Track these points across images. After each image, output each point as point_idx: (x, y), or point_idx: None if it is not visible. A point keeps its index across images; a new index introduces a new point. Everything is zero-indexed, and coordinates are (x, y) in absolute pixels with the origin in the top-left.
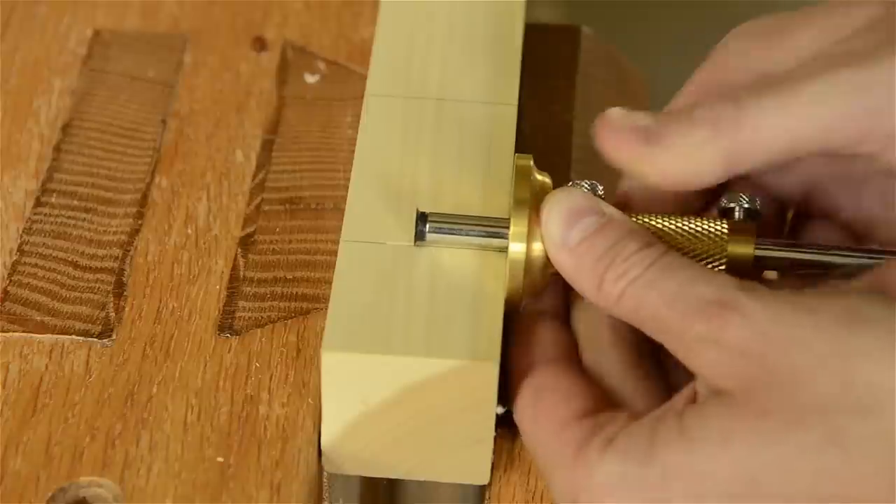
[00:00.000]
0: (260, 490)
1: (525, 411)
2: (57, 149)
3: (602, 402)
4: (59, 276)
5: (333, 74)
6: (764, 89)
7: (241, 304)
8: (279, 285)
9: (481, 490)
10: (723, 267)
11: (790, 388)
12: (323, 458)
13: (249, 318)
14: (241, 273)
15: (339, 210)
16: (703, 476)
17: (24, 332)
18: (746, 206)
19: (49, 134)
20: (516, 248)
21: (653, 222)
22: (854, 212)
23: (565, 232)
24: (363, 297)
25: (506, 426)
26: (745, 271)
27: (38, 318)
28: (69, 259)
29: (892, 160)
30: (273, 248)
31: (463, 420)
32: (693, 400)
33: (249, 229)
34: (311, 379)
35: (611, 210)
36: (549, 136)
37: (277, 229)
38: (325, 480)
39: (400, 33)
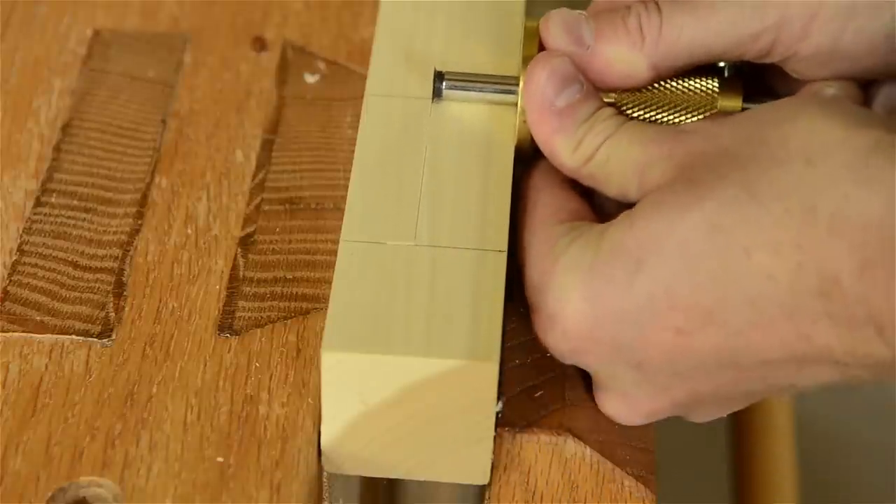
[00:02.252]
0: (260, 490)
1: (522, 210)
2: (57, 149)
3: (591, 217)
4: (59, 276)
5: (333, 74)
6: (685, 5)
7: (241, 304)
8: (279, 285)
9: (481, 490)
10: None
11: (712, 161)
12: (323, 458)
13: (249, 318)
14: (241, 273)
15: (339, 210)
16: (640, 244)
17: (24, 332)
18: (737, 64)
19: (49, 134)
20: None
21: (645, 90)
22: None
23: (554, 95)
24: (363, 297)
25: (506, 426)
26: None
27: (38, 318)
28: (69, 259)
29: (801, 57)
30: (273, 248)
31: (463, 420)
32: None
33: (249, 229)
34: (311, 379)
35: (587, 83)
36: None
37: (277, 229)
38: (325, 480)
39: (400, 33)
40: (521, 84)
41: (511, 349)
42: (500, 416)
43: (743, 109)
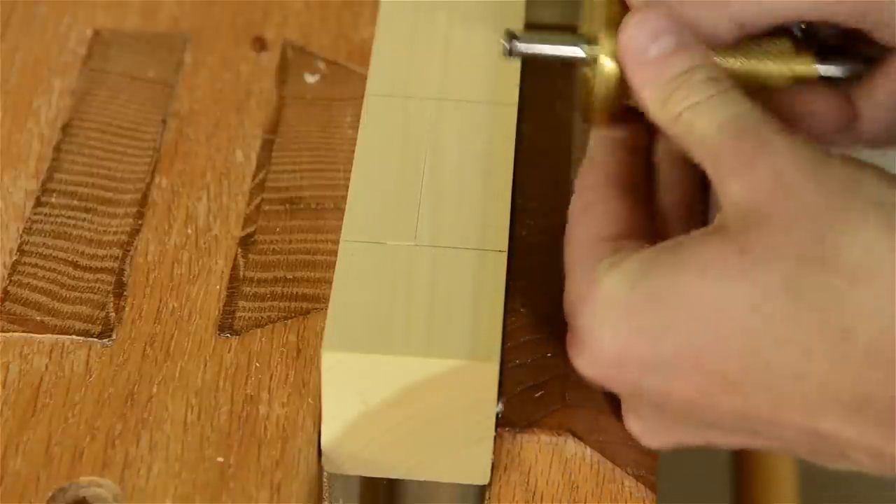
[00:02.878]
0: (260, 490)
1: (571, 217)
2: (57, 149)
3: (640, 230)
4: (59, 276)
5: (333, 74)
6: None
7: (241, 304)
8: (279, 285)
9: (481, 490)
10: (790, 80)
11: (771, 232)
12: (323, 458)
13: (249, 318)
14: (241, 273)
15: (339, 210)
16: (677, 302)
17: (24, 332)
18: (803, 26)
19: (49, 134)
20: (610, 64)
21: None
22: None
23: (647, 44)
24: (363, 297)
25: (506, 426)
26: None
27: (38, 318)
28: (69, 259)
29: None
30: (273, 248)
31: (463, 420)
32: (703, 231)
33: (249, 229)
34: (311, 379)
35: (686, 34)
36: (550, 136)
37: (277, 229)
38: (325, 480)
39: (400, 33)
40: (604, 41)
41: (511, 349)
42: (500, 416)
43: (820, 77)
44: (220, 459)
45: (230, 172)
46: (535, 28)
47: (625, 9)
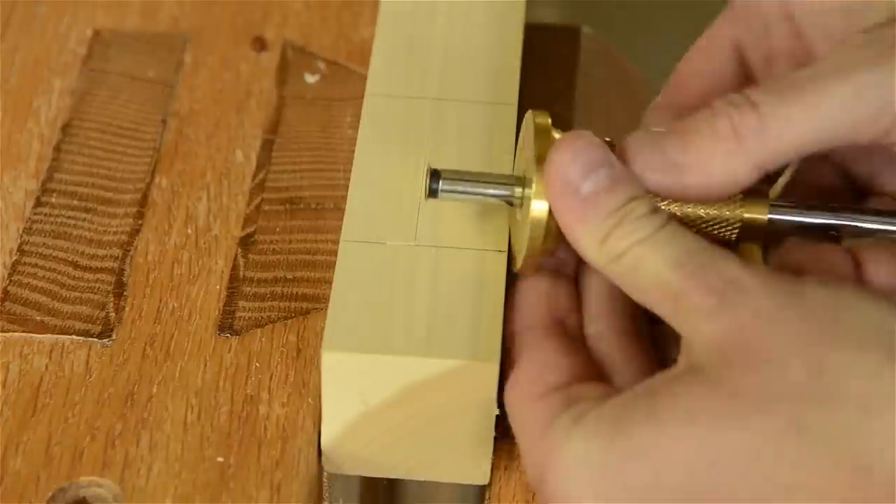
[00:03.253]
0: (260, 490)
1: (507, 376)
2: (57, 149)
3: (584, 372)
4: (59, 276)
5: (333, 74)
6: (785, 92)
7: (241, 304)
8: (279, 285)
9: (481, 490)
10: (736, 230)
11: (763, 372)
12: (323, 458)
13: (249, 318)
14: (241, 273)
15: (339, 210)
16: (665, 456)
17: (24, 332)
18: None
19: (49, 134)
20: (539, 206)
21: None
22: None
23: (579, 180)
24: (363, 297)
25: (506, 426)
26: (759, 234)
27: (38, 318)
28: (69, 259)
29: None
30: (273, 248)
31: (463, 420)
32: (671, 378)
33: (249, 229)
34: (311, 379)
35: (619, 164)
36: None
37: (277, 229)
38: (325, 480)
39: (400, 33)
40: (535, 184)
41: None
42: (500, 416)
43: (770, 220)
44: (220, 459)
45: (230, 172)
46: (463, 169)
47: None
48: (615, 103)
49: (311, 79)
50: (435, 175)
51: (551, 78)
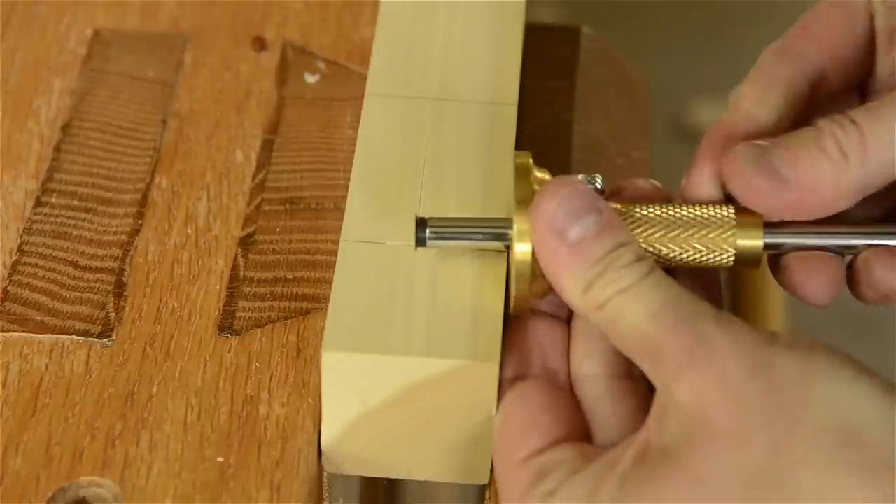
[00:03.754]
0: (260, 490)
1: (495, 434)
2: (57, 149)
3: (568, 430)
4: (59, 276)
5: (333, 74)
6: (883, 113)
7: (241, 304)
8: (279, 285)
9: (481, 490)
10: (732, 258)
11: (723, 451)
12: (323, 458)
13: (249, 318)
14: (241, 273)
15: (339, 210)
16: None
17: (24, 332)
18: None
19: (49, 134)
20: (522, 249)
21: (660, 211)
22: None
23: (567, 227)
24: (363, 297)
25: None
26: (755, 260)
27: (38, 318)
28: (69, 259)
29: None
30: (273, 248)
31: (463, 420)
32: (641, 450)
33: (249, 229)
34: (311, 379)
35: (607, 209)
36: (549, 136)
37: (277, 229)
38: (325, 480)
39: (400, 33)
40: (516, 225)
41: None
42: None
43: (766, 247)
44: (220, 459)
45: (230, 172)
46: (455, 216)
47: (536, 181)
48: (615, 103)
49: (311, 79)
50: (421, 224)
51: (551, 78)
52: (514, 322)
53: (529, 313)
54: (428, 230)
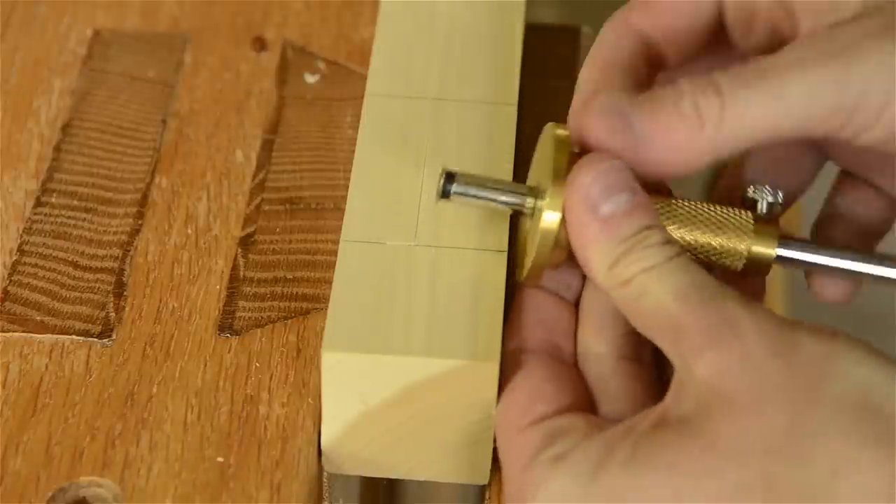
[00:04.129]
0: (260, 490)
1: (500, 396)
2: (57, 149)
3: (573, 401)
4: (59, 276)
5: (333, 74)
6: (749, 80)
7: (241, 304)
8: (279, 285)
9: (481, 490)
10: (742, 262)
11: (741, 422)
12: (323, 458)
13: (249, 318)
14: (241, 273)
15: (339, 210)
16: (641, 500)
17: (24, 332)
18: (770, 200)
19: (49, 134)
20: (551, 217)
21: (680, 204)
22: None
23: (600, 200)
24: (363, 297)
25: None
26: (766, 268)
27: (38, 318)
28: (69, 259)
29: (871, 141)
30: (273, 248)
31: (463, 420)
32: (656, 421)
33: (249, 229)
34: (311, 379)
35: (641, 192)
36: None
37: (277, 229)
38: (325, 480)
39: (400, 33)
40: (549, 195)
41: None
42: None
43: (777, 258)
44: (220, 459)
45: (230, 172)
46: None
47: (575, 161)
48: None
49: (311, 79)
50: (450, 177)
51: (551, 78)
52: (518, 296)
53: (535, 289)
54: (455, 184)
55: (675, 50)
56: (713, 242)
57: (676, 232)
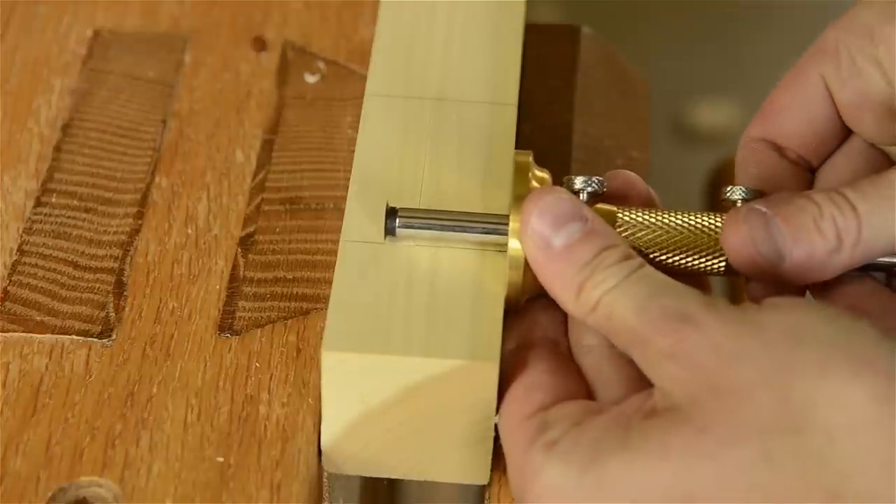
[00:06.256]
0: (260, 490)
1: (503, 375)
2: (57, 149)
3: (570, 389)
4: (59, 276)
5: (333, 74)
6: (881, 202)
7: (241, 304)
8: (279, 285)
9: (481, 490)
10: (723, 265)
11: (731, 404)
12: (323, 458)
13: (249, 318)
14: (241, 273)
15: (339, 210)
16: (639, 486)
17: (24, 332)
18: (745, 198)
19: (49, 134)
20: (515, 245)
21: (652, 217)
22: None
23: (550, 235)
24: (363, 297)
25: None
26: None
27: (38, 318)
28: (69, 259)
29: None
30: (273, 248)
31: (463, 420)
32: (647, 411)
33: (249, 229)
34: (311, 379)
35: (592, 216)
36: (549, 137)
37: (277, 229)
38: (325, 480)
39: (400, 33)
40: (511, 223)
41: None
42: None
43: None
44: (220, 459)
45: (230, 172)
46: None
47: (536, 180)
48: (615, 104)
49: (311, 79)
50: (391, 213)
51: (551, 78)
52: None
53: (521, 304)
54: (398, 220)
55: (809, 151)
56: (691, 251)
57: (650, 244)
